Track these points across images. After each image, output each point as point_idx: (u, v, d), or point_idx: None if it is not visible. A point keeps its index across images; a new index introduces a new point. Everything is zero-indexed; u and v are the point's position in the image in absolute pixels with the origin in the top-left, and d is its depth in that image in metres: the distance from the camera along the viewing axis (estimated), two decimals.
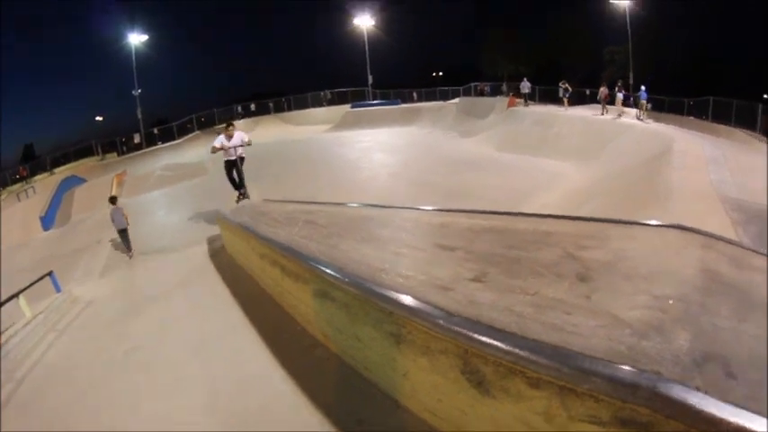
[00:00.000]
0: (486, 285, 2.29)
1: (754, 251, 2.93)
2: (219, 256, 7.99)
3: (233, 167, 10.74)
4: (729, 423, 1.31)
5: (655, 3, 42.84)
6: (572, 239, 2.87)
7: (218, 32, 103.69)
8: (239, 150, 10.63)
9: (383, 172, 18.26)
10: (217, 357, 4.24)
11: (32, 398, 4.35)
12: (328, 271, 3.06)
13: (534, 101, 32.09)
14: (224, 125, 11.41)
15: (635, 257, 2.69)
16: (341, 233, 4.14)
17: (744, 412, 1.33)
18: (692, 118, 30.79)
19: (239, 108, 47.12)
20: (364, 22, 52.19)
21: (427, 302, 2.18)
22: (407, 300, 2.28)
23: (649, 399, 1.49)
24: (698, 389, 1.45)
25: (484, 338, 1.83)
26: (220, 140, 10.51)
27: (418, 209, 4.61)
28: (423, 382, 2.34)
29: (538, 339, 1.70)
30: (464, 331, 1.93)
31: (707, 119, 29.93)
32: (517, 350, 1.71)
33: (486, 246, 2.94)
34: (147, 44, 44.84)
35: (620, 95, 27.28)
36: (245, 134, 10.90)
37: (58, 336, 6.03)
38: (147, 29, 44.58)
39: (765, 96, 35.90)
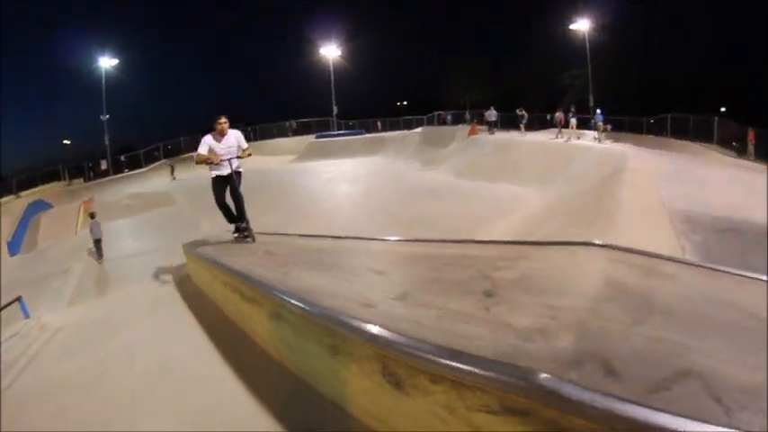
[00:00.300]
0: (405, 303, 2.65)
1: (670, 259, 3.17)
2: (185, 285, 8.09)
3: (226, 187, 7.32)
4: (597, 408, 1.48)
5: (614, 27, 44.62)
6: (490, 261, 3.24)
7: (186, 60, 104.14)
8: (235, 162, 7.24)
9: (346, 202, 18.64)
10: (183, 379, 4.43)
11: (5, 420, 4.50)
12: (279, 294, 3.37)
13: (497, 128, 32.92)
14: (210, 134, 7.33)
15: (542, 274, 3.03)
16: (295, 262, 4.50)
17: (612, 399, 1.49)
18: (651, 136, 32.21)
19: None
20: (330, 52, 52.73)
21: (352, 317, 2.51)
22: (338, 315, 2.60)
23: (525, 389, 1.69)
24: (570, 381, 1.62)
25: (392, 343, 2.16)
26: (207, 143, 7.17)
27: (363, 239, 5.00)
28: (357, 387, 2.62)
29: (434, 342, 2.02)
30: (379, 337, 2.25)
31: (666, 135, 31.37)
32: (416, 351, 2.04)
33: (414, 270, 3.34)
34: (118, 68, 44.54)
35: (573, 120, 28.28)
36: (242, 136, 7.42)
37: (29, 362, 6.04)
38: (116, 53, 44.38)
39: (723, 110, 37.82)
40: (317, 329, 2.88)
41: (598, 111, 28.82)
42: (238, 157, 7.32)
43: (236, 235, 7.66)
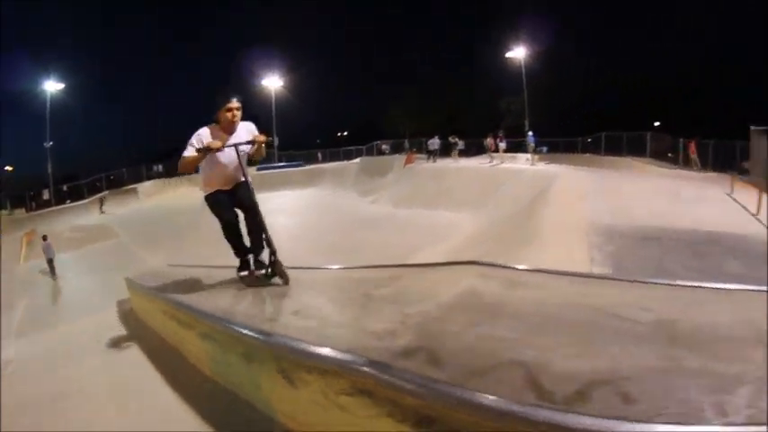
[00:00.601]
0: (299, 317, 3.35)
1: (537, 271, 3.66)
2: (129, 318, 8.33)
3: (231, 205, 4.75)
4: (426, 387, 1.83)
5: (548, 52, 46.89)
6: (378, 281, 3.92)
7: (132, 88, 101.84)
8: (244, 149, 4.70)
9: (284, 234, 18.87)
10: (130, 400, 4.74)
11: None
12: (205, 316, 3.99)
13: (438, 156, 34.05)
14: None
15: (413, 290, 3.62)
16: (222, 289, 5.12)
17: (429, 380, 1.83)
18: (588, 155, 34.05)
19: (156, 167, 46.19)
20: (272, 83, 52.64)
21: (252, 328, 3.16)
22: (242, 328, 3.25)
23: (363, 374, 2.08)
24: (399, 368, 2.02)
25: (277, 344, 2.80)
26: (200, 140, 4.51)
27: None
28: (268, 388, 3.08)
29: (305, 340, 2.67)
30: (271, 342, 2.88)
31: (601, 153, 33.31)
32: (291, 347, 2.69)
33: (314, 292, 4.09)
34: (65, 92, 43.46)
35: (501, 144, 29.70)
36: (255, 128, 4.91)
37: None
38: (63, 77, 43.75)
39: (657, 124, 40.49)
40: (232, 341, 3.45)
41: (530, 134, 30.35)
42: (248, 142, 4.72)
43: (244, 273, 4.92)
